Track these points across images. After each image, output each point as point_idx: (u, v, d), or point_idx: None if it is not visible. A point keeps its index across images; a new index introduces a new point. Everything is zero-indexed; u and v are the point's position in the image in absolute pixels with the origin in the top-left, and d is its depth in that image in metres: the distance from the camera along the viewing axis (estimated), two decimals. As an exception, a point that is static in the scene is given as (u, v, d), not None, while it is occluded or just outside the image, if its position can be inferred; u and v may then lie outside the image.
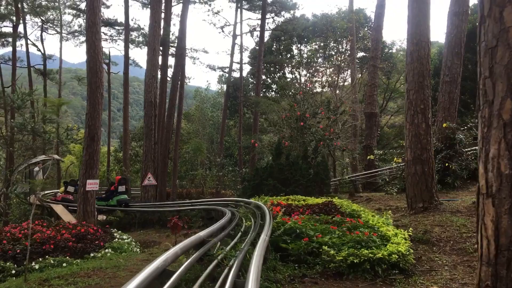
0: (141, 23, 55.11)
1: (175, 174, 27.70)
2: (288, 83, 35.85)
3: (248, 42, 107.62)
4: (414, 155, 9.59)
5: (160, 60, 27.75)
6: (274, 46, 43.64)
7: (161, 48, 27.34)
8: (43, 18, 40.54)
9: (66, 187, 21.19)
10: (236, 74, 40.66)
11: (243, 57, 39.99)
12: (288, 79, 40.19)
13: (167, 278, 3.44)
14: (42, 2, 38.38)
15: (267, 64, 41.65)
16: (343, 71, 34.42)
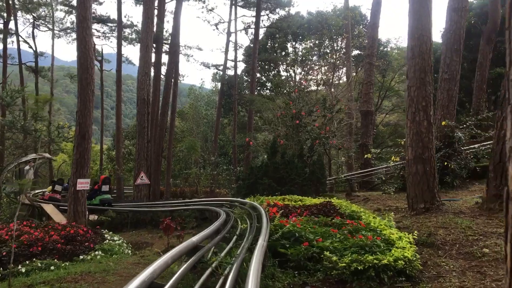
0: (134, 20, 54.83)
1: (169, 172, 27.38)
2: (282, 81, 35.65)
3: (243, 40, 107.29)
4: (415, 154, 9.24)
5: (154, 57, 27.42)
6: (269, 44, 43.33)
7: (154, 45, 26.96)
8: (35, 15, 40.06)
9: (53, 186, 20.84)
10: (230, 72, 40.36)
11: (238, 54, 39.74)
12: (283, 77, 39.97)
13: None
14: (34, -1, 37.87)
15: (262, 62, 41.37)
16: (338, 69, 34.19)
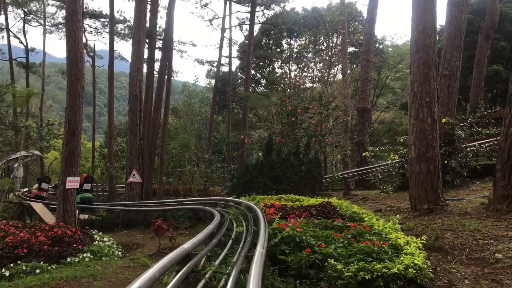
0: (127, 15, 54.27)
1: (162, 170, 26.88)
2: (277, 78, 35.21)
3: (237, 36, 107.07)
4: (418, 153, 8.83)
5: (147, 53, 26.93)
6: (264, 40, 42.93)
7: (147, 40, 26.46)
8: (26, 10, 39.39)
9: (40, 184, 20.33)
10: (225, 69, 39.94)
11: (232, 51, 39.27)
12: (278, 74, 39.53)
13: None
14: (25, -7, 37.21)
15: (257, 58, 40.97)
16: (333, 66, 33.80)
